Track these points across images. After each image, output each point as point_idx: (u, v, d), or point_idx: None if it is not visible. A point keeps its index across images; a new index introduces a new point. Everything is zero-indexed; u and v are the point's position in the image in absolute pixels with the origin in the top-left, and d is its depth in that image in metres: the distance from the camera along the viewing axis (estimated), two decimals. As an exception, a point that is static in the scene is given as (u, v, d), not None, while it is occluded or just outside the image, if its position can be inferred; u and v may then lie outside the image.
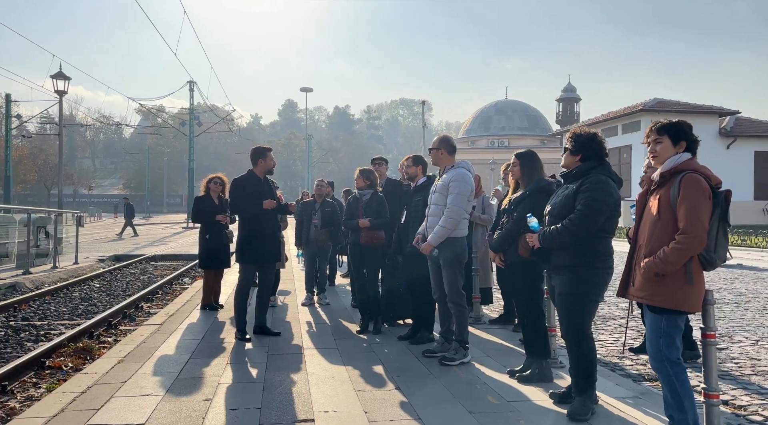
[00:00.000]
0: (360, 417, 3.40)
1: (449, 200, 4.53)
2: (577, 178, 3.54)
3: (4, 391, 4.39)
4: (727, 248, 2.89)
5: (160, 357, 4.77)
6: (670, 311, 2.83)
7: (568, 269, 3.48)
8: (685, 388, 2.82)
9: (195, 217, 7.13)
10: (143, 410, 3.47)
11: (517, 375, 4.21)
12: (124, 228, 25.39)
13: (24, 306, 8.05)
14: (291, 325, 6.13)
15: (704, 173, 2.85)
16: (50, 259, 12.32)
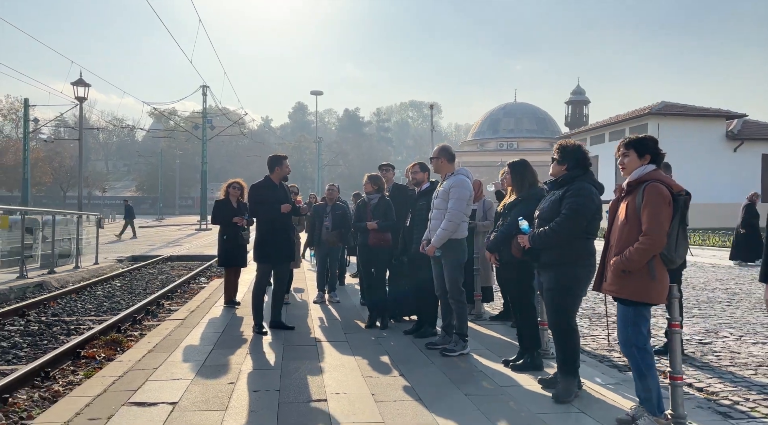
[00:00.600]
0: (367, 398, 3.83)
1: (450, 204, 4.96)
2: (563, 185, 3.95)
3: (47, 377, 4.87)
4: (687, 247, 3.30)
5: (186, 347, 5.24)
6: (637, 303, 3.24)
7: (555, 267, 3.89)
8: (650, 371, 3.23)
9: (215, 219, 7.60)
10: (176, 391, 3.92)
11: (510, 364, 4.63)
12: (124, 229, 25.92)
13: (53, 303, 8.57)
14: (304, 320, 6.58)
15: (666, 182, 3.26)
16: (72, 259, 12.87)
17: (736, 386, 4.41)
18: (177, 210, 68.02)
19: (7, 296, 8.91)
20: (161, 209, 56.96)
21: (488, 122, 66.82)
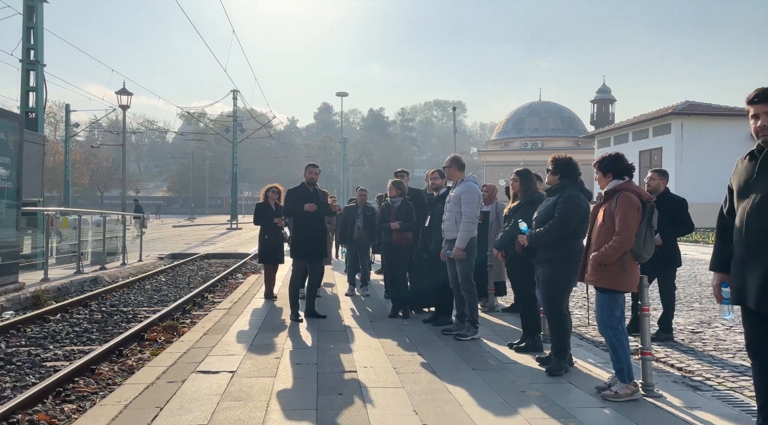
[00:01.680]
0: (390, 370, 4.61)
1: (463, 208, 5.69)
2: (556, 192, 4.66)
3: (121, 354, 5.77)
4: (654, 245, 3.98)
5: (235, 331, 6.09)
6: (611, 291, 3.93)
7: (549, 262, 4.60)
8: (621, 346, 3.92)
9: (256, 220, 8.43)
10: (232, 363, 4.76)
11: (514, 346, 5.35)
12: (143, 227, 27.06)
13: (109, 295, 9.56)
14: (335, 311, 7.39)
15: (637, 191, 3.95)
16: (119, 257, 13.96)
17: (712, 366, 5.05)
18: (207, 210, 69.92)
19: (69, 289, 9.95)
20: (192, 208, 58.67)
21: (512, 121, 66.92)
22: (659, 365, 5.10)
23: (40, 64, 11.47)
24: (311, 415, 3.53)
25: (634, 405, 3.79)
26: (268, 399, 3.83)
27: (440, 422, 3.44)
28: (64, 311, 7.98)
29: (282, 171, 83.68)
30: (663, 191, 6.11)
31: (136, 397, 3.84)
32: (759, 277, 2.77)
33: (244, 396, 3.88)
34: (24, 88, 11.57)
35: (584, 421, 3.48)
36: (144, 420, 3.39)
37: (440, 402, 3.82)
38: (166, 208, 67.37)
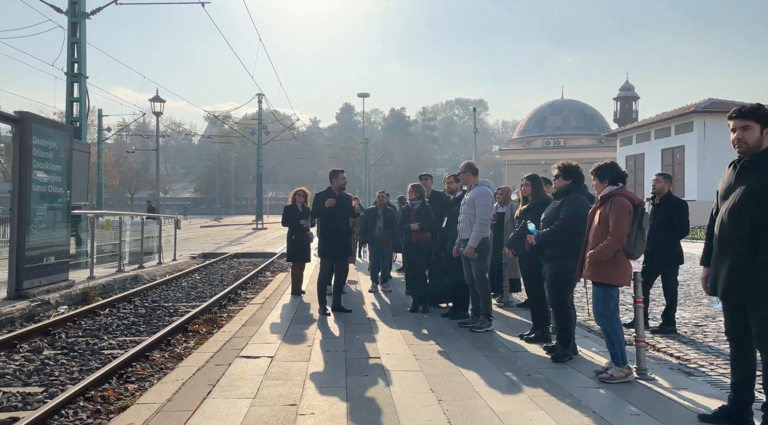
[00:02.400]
0: (410, 357, 5.14)
1: (477, 211, 6.19)
2: (562, 196, 5.14)
3: (169, 343, 6.43)
4: (644, 244, 4.44)
5: (270, 323, 6.70)
6: (606, 285, 4.41)
7: (554, 259, 5.08)
8: (615, 334, 4.39)
9: (284, 222, 9.03)
10: (270, 350, 5.35)
11: (524, 337, 5.84)
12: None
13: (150, 292, 10.29)
14: (359, 306, 7.95)
15: (629, 196, 4.41)
16: (155, 256, 14.76)
17: (708, 355, 5.47)
18: (232, 210, 71.31)
19: (112, 286, 10.71)
20: (218, 209, 60.00)
21: (534, 119, 66.83)
22: (659, 354, 5.55)
23: (83, 76, 12.29)
24: (342, 392, 4.09)
25: (627, 386, 4.26)
26: (304, 379, 4.40)
27: (453, 398, 3.96)
28: (112, 306, 8.71)
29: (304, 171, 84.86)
30: (666, 194, 6.53)
31: (191, 377, 4.45)
32: (726, 271, 3.24)
33: (283, 376, 4.47)
34: (68, 99, 12.42)
35: (581, 399, 3.97)
36: (200, 395, 4.00)
37: (454, 383, 4.34)
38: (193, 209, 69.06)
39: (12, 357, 5.82)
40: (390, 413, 3.65)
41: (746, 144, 3.22)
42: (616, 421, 3.52)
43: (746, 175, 3.23)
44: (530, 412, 3.68)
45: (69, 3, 12.11)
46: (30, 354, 5.92)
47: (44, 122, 8.88)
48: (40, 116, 9.54)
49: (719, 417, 3.46)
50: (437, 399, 3.93)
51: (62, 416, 4.09)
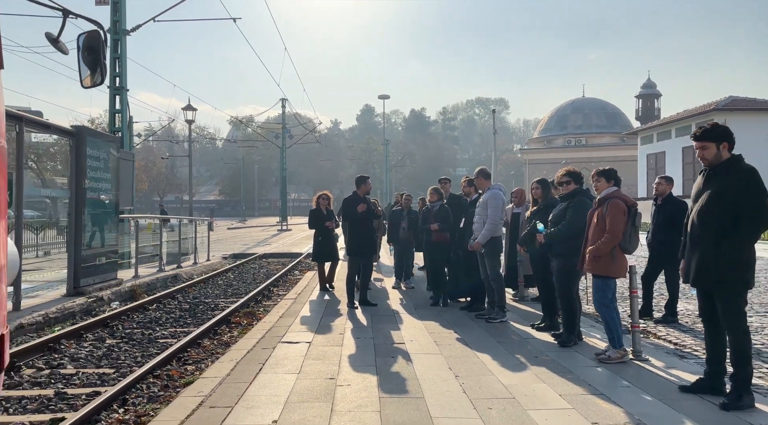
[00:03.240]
0: (431, 343, 5.79)
1: (489, 212, 6.81)
2: (568, 198, 5.74)
3: (216, 333, 7.18)
4: (638, 240, 5.01)
5: (303, 315, 7.41)
6: (604, 277, 5.00)
7: (561, 256, 5.68)
8: (612, 320, 4.97)
9: (310, 224, 9.74)
10: (308, 337, 6.05)
11: (535, 326, 6.44)
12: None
13: (190, 290, 11.11)
14: (384, 300, 8.62)
15: (624, 198, 5.00)
16: (190, 257, 15.64)
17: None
18: (256, 212, 72.67)
19: (155, 284, 11.57)
20: (243, 211, 61.31)
21: (556, 118, 66.72)
22: (659, 341, 6.09)
23: (124, 89, 13.22)
24: (372, 369, 4.76)
25: (623, 365, 4.84)
26: (339, 359, 5.09)
27: (468, 374, 4.61)
28: (158, 302, 9.53)
29: (326, 173, 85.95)
30: (668, 195, 7.07)
31: (243, 357, 5.17)
32: (696, 262, 3.83)
33: (321, 357, 5.16)
34: (111, 110, 13.35)
35: (580, 375, 4.57)
36: (254, 371, 4.71)
37: (469, 363, 4.98)
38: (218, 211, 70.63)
39: (81, 345, 6.63)
40: (414, 385, 4.31)
41: (707, 159, 3.80)
42: (607, 392, 4.12)
43: (711, 182, 3.81)
44: (534, 385, 4.30)
45: (111, 22, 13.05)
46: (96, 343, 6.72)
47: (96, 134, 9.76)
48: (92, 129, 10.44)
49: (697, 388, 4.04)
50: (454, 375, 4.58)
51: (138, 389, 4.84)
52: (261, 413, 3.69)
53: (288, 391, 4.14)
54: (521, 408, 3.76)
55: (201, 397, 4.03)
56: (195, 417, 3.64)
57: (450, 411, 3.73)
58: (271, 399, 3.98)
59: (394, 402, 3.90)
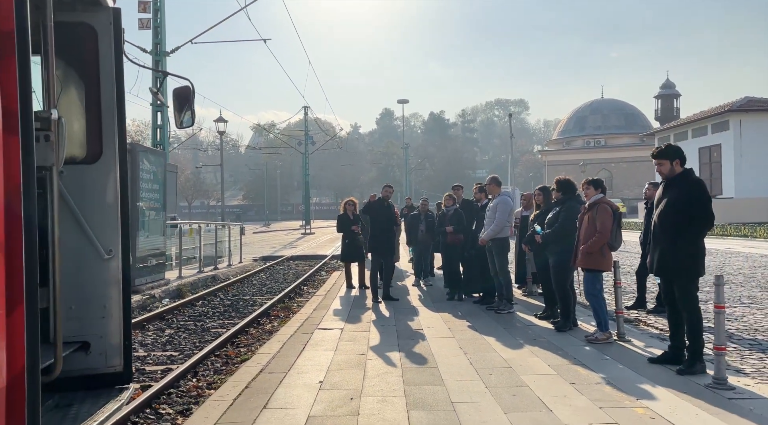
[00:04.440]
0: (446, 330, 6.73)
1: (497, 215, 7.74)
2: (560, 204, 6.65)
3: (259, 324, 8.23)
4: (622, 239, 5.90)
5: (334, 309, 8.41)
6: (594, 270, 5.89)
7: (556, 253, 6.58)
8: (600, 308, 5.86)
9: (338, 228, 10.75)
10: (339, 325, 7.05)
11: (537, 316, 7.34)
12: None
13: (229, 288, 12.22)
14: (405, 296, 9.58)
15: (609, 203, 5.89)
16: (225, 259, 16.80)
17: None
18: (279, 216, 74.23)
19: (197, 284, 12.71)
20: (267, 215, 62.82)
21: (574, 119, 66.97)
22: (647, 328, 6.93)
23: (165, 106, 14.45)
24: (395, 348, 5.74)
25: (608, 345, 5.73)
26: (367, 341, 6.07)
27: (475, 351, 5.55)
28: (203, 299, 10.65)
29: (346, 177, 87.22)
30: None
31: (287, 340, 6.19)
32: (657, 256, 4.73)
33: (352, 339, 6.16)
34: (153, 126, 14.60)
35: (569, 352, 5.48)
36: (298, 349, 5.72)
37: (477, 344, 5.92)
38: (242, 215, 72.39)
39: (146, 334, 7.73)
40: (430, 359, 5.27)
41: (663, 173, 4.71)
42: (589, 363, 5.03)
43: (668, 191, 4.71)
44: (528, 358, 5.23)
45: (153, 44, 14.31)
46: (158, 332, 7.82)
47: (147, 150, 10.94)
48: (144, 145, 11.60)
49: (662, 359, 4.93)
50: (463, 352, 5.53)
51: (203, 366, 5.89)
52: (309, 376, 4.70)
53: (328, 362, 5.14)
54: (515, 374, 4.70)
55: (260, 367, 5.05)
56: (259, 378, 4.66)
57: (458, 376, 4.68)
58: (316, 367, 4.98)
59: (413, 370, 4.87)
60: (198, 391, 5.01)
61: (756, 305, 8.02)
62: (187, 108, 4.13)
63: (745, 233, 19.60)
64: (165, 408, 4.55)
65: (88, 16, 3.48)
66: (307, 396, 4.17)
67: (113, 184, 3.56)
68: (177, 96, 4.14)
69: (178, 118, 4.17)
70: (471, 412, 3.78)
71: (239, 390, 4.36)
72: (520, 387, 4.34)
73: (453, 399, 4.05)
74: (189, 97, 4.13)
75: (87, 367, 3.42)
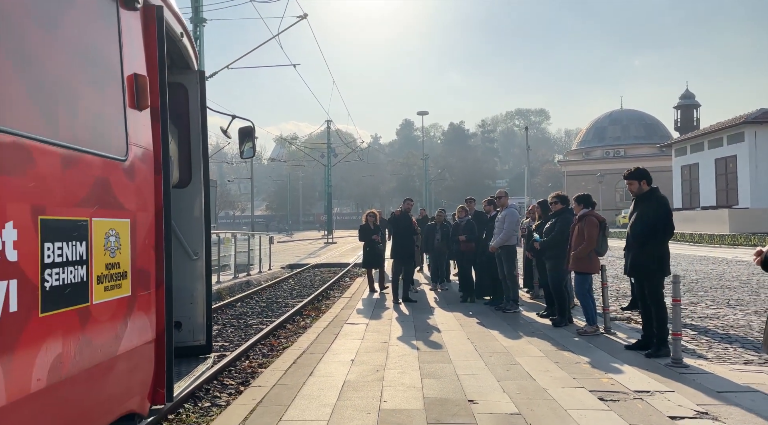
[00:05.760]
0: (457, 325, 7.76)
1: (505, 225, 8.76)
2: (556, 216, 7.66)
3: (293, 321, 9.35)
4: (607, 246, 6.88)
5: (358, 308, 9.49)
6: (583, 273, 6.88)
7: (552, 259, 7.57)
8: (588, 306, 6.83)
9: (360, 238, 11.84)
10: (365, 321, 8.13)
11: (540, 314, 8.32)
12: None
13: (263, 292, 13.39)
14: (423, 298, 10.62)
15: (596, 215, 6.89)
16: (256, 266, 18.02)
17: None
18: (301, 226, 75.81)
19: (233, 289, 13.91)
20: (290, 225, 64.33)
21: (593, 130, 67.28)
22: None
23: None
24: (413, 338, 6.79)
25: (595, 336, 6.69)
26: (389, 333, 7.13)
27: (481, 341, 6.57)
28: (241, 301, 11.82)
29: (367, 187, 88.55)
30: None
31: (321, 332, 7.28)
32: (630, 259, 5.72)
33: (377, 331, 7.22)
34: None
35: (560, 341, 6.46)
36: (331, 338, 6.81)
37: (483, 335, 6.94)
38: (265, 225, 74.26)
39: (196, 328, 8.89)
40: (442, 346, 6.31)
41: (633, 191, 5.71)
42: (574, 349, 6.01)
43: (638, 207, 5.71)
44: (524, 346, 6.24)
45: (192, 70, 15.64)
46: (206, 327, 8.97)
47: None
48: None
49: (636, 346, 5.90)
50: (470, 342, 6.55)
51: (252, 351, 7.01)
52: (342, 357, 5.78)
53: (357, 347, 6.22)
54: (511, 356, 5.72)
55: (301, 350, 6.15)
56: (302, 358, 5.75)
57: (464, 358, 5.71)
58: (347, 350, 6.07)
59: (427, 353, 5.92)
60: (252, 369, 6.13)
61: (741, 307, 8.87)
62: (249, 142, 5.28)
63: (755, 243, 20.19)
64: (228, 380, 5.68)
65: (182, 77, 4.65)
66: (342, 369, 5.25)
67: (199, 203, 4.70)
68: (242, 133, 5.30)
69: (241, 149, 5.32)
70: (471, 380, 4.81)
71: (288, 364, 5.46)
72: (513, 365, 5.36)
73: (458, 372, 5.09)
74: (251, 134, 5.28)
75: (179, 341, 4.53)
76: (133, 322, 2.98)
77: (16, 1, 2.27)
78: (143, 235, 3.11)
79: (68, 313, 2.40)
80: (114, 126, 2.89)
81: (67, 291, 2.40)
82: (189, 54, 4.48)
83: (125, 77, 3.01)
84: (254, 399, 4.39)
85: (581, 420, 3.80)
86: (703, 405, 4.06)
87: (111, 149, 2.81)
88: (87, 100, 2.70)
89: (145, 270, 3.12)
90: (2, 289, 2.01)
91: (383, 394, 4.42)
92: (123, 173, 2.91)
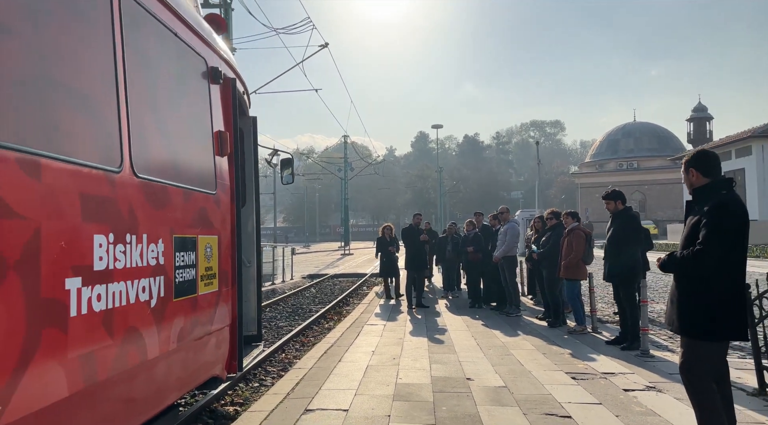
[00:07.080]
0: (464, 326, 8.82)
1: (507, 238, 9.83)
2: (551, 230, 8.72)
3: (319, 323, 10.47)
4: (593, 256, 7.92)
5: (376, 313, 10.59)
6: (573, 280, 7.91)
7: (548, 268, 8.62)
8: (577, 308, 7.86)
9: (378, 249, 12.96)
10: (382, 323, 9.22)
11: (538, 317, 9.35)
12: None
13: (288, 299, 14.55)
14: (434, 304, 11.69)
15: (583, 229, 7.94)
16: (279, 275, 19.22)
17: (652, 327, 8.73)
18: (317, 237, 77.14)
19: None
20: (307, 237, 65.67)
21: (607, 143, 67.93)
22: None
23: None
24: (424, 336, 7.87)
25: (583, 335, 7.71)
26: (404, 332, 8.23)
27: (483, 338, 7.63)
28: (270, 307, 12.98)
29: (382, 199, 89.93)
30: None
31: (345, 331, 8.39)
32: (607, 267, 6.76)
33: (393, 330, 8.32)
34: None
35: (551, 338, 7.49)
36: (354, 336, 7.92)
37: (485, 334, 8.00)
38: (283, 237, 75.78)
39: (233, 329, 10.07)
40: (449, 342, 7.38)
41: (609, 210, 6.77)
42: (562, 344, 7.05)
43: (613, 223, 6.76)
44: (521, 341, 7.29)
45: (222, 94, 16.99)
46: (242, 328, 10.14)
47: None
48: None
49: (614, 341, 6.92)
50: (474, 338, 7.62)
51: (287, 346, 8.14)
52: (364, 349, 6.89)
53: (376, 342, 7.32)
54: (507, 349, 6.78)
55: (330, 344, 7.27)
56: (331, 350, 6.88)
57: (467, 351, 6.78)
58: (368, 344, 7.18)
59: (436, 347, 7.00)
60: (288, 360, 7.27)
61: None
62: (288, 170, 6.47)
63: (757, 254, 20.93)
64: (270, 367, 6.81)
65: (242, 122, 5.84)
66: (365, 357, 6.36)
67: (251, 221, 5.87)
68: (283, 163, 6.49)
69: (282, 176, 6.50)
70: (470, 365, 5.89)
71: (320, 354, 6.59)
72: (507, 356, 6.42)
73: (460, 360, 6.17)
74: (291, 164, 6.47)
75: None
76: (219, 310, 4.14)
77: (161, 85, 3.45)
78: (225, 247, 4.28)
79: (187, 300, 3.56)
80: (208, 169, 4.07)
81: (186, 285, 3.56)
82: (246, 105, 5.68)
83: (213, 133, 4.19)
84: (297, 377, 5.52)
85: (553, 391, 4.86)
86: (653, 383, 5.09)
87: (207, 185, 3.99)
88: (194, 151, 3.89)
89: (225, 272, 4.28)
90: (158, 282, 3.18)
91: (399, 374, 5.53)
92: (213, 202, 4.09)
